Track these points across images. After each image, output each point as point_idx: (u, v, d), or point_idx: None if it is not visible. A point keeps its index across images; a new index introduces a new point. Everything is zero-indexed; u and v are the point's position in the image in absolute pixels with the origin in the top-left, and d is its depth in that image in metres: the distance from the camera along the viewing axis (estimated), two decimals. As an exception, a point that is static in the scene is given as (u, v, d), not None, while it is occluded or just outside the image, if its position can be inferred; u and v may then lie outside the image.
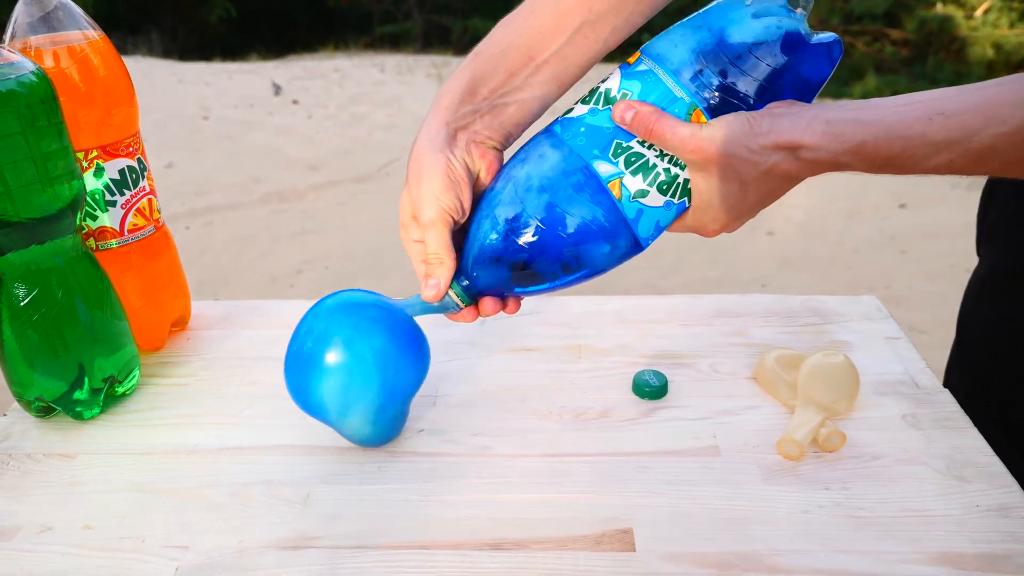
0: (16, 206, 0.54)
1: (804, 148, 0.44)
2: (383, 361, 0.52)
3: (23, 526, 0.52)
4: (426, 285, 0.52)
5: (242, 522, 0.51)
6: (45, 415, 0.62)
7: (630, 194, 0.47)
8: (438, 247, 0.51)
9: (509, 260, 0.49)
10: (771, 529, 0.49)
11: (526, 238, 0.48)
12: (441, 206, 0.50)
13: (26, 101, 0.54)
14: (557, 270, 0.49)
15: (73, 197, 0.58)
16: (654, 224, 0.49)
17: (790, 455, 0.54)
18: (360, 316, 0.53)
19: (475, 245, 0.50)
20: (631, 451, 0.56)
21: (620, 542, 0.48)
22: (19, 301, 0.57)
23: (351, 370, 0.52)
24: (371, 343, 0.52)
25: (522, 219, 0.48)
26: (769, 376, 0.61)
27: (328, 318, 0.53)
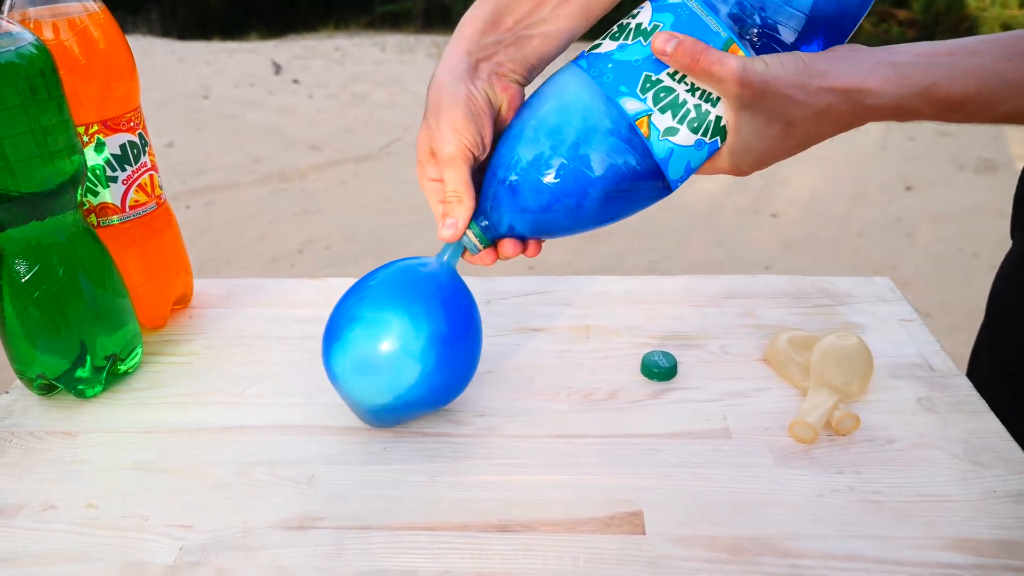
0: (16, 180, 0.53)
1: (866, 93, 0.42)
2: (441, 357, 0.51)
3: (26, 504, 0.51)
4: (443, 224, 0.50)
5: (246, 502, 0.51)
6: (47, 393, 0.61)
7: (659, 132, 0.45)
8: (457, 184, 0.49)
9: (530, 200, 0.48)
10: (784, 513, 0.48)
11: (548, 178, 0.47)
12: (461, 141, 0.48)
13: (26, 73, 0.52)
14: (580, 212, 0.48)
15: (74, 172, 0.57)
16: (684, 165, 0.47)
17: (803, 438, 0.54)
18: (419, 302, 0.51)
19: (495, 184, 0.49)
20: (640, 433, 0.56)
21: (630, 524, 0.48)
22: (20, 277, 0.56)
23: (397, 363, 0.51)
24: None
25: (544, 158, 0.46)
26: (781, 358, 0.61)
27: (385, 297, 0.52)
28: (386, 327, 0.50)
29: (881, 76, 0.41)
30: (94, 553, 0.47)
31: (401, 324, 0.50)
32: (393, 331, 0.50)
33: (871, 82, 0.42)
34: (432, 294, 0.51)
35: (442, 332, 0.51)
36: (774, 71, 0.42)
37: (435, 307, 0.51)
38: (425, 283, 0.51)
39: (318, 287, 0.76)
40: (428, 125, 0.49)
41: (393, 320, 0.50)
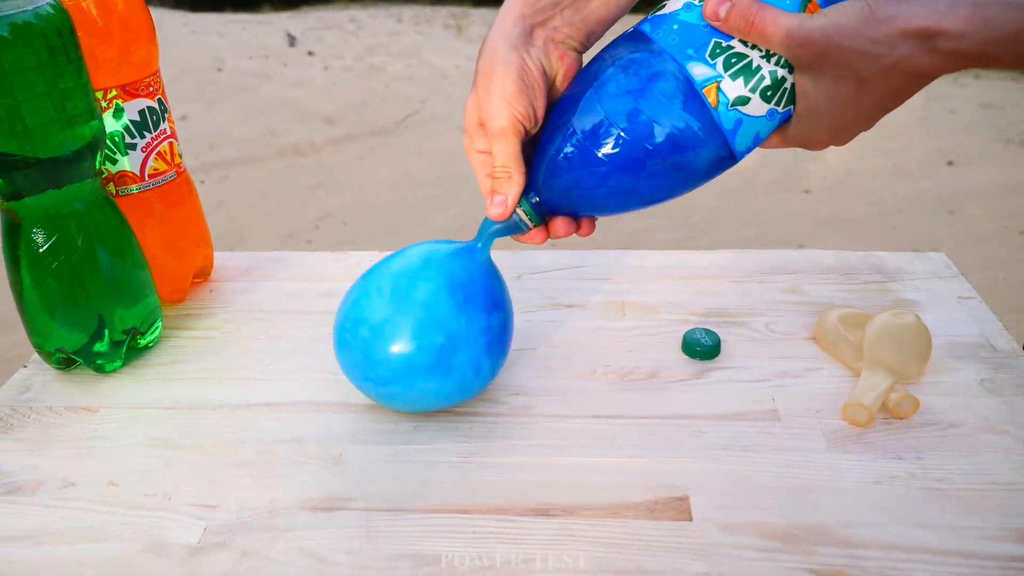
0: (34, 145, 0.52)
1: (943, 35, 0.38)
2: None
3: (46, 480, 0.51)
4: (492, 202, 0.49)
5: (272, 481, 0.50)
6: (66, 367, 0.61)
7: (728, 101, 0.43)
8: (507, 159, 0.47)
9: (586, 176, 0.46)
10: (839, 499, 0.47)
11: (606, 151, 0.45)
12: (513, 113, 0.46)
13: (43, 33, 0.51)
14: (640, 187, 0.45)
15: (92, 137, 0.56)
16: (753, 136, 0.44)
17: (857, 421, 0.52)
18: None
19: (548, 158, 0.47)
20: (684, 414, 0.54)
21: (675, 510, 0.47)
22: (38, 247, 0.55)
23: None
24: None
25: (603, 129, 0.44)
26: (831, 336, 0.59)
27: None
28: (432, 341, 0.49)
29: (962, 16, 0.38)
30: (116, 532, 0.47)
31: (446, 339, 0.49)
32: (439, 348, 0.49)
33: (949, 22, 0.38)
34: (477, 303, 0.50)
35: (485, 341, 0.50)
36: (835, 22, 0.40)
37: (478, 316, 0.50)
38: (467, 285, 0.50)
39: (341, 261, 0.75)
40: (478, 94, 0.48)
41: (440, 336, 0.49)
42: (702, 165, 0.45)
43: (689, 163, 0.45)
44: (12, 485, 0.51)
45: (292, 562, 0.44)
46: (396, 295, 0.49)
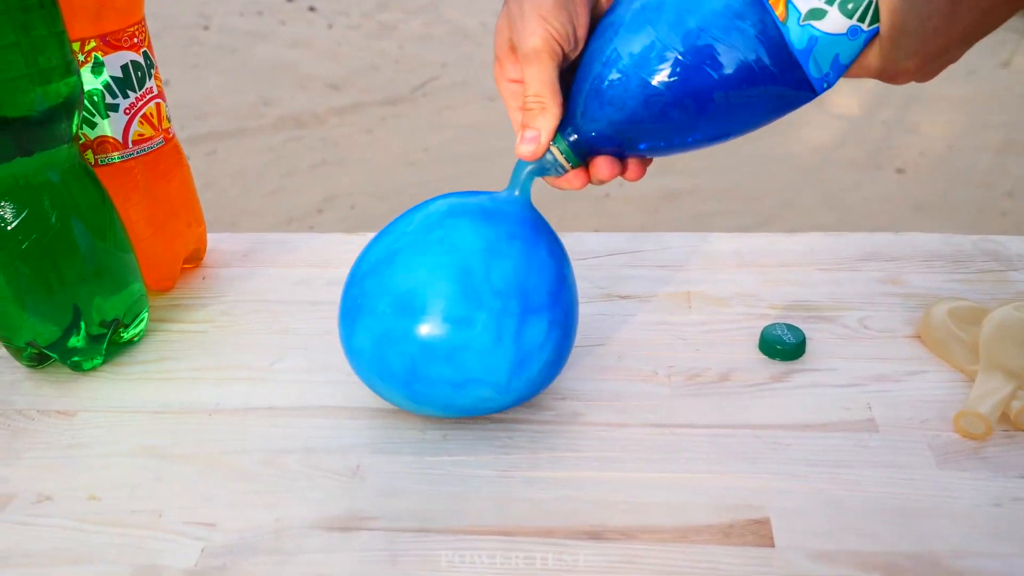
0: (1, 103, 0.53)
1: None
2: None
3: (18, 494, 0.52)
4: (522, 138, 0.48)
5: (278, 497, 0.50)
6: (38, 365, 0.62)
7: (799, 15, 0.42)
8: (540, 87, 0.47)
9: (633, 106, 0.45)
10: (951, 525, 0.46)
11: (658, 76, 0.44)
12: (548, 31, 0.46)
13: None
14: (695, 119, 0.45)
15: (68, 95, 0.56)
16: (831, 59, 0.43)
17: (972, 433, 0.52)
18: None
19: (589, 85, 0.46)
20: (762, 423, 0.54)
21: (755, 535, 0.46)
22: (6, 224, 0.56)
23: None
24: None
25: (652, 51, 0.44)
26: (939, 334, 0.59)
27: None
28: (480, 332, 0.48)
29: None
30: (99, 554, 0.47)
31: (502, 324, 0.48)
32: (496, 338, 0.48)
33: None
34: (529, 270, 0.49)
35: (556, 317, 0.50)
36: None
37: (539, 287, 0.49)
38: (517, 254, 0.49)
39: (355, 243, 0.76)
40: (509, 11, 0.48)
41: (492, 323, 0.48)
42: (770, 94, 0.44)
43: (754, 91, 0.44)
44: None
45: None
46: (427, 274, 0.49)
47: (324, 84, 3.61)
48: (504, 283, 0.48)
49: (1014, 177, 2.71)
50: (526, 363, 0.49)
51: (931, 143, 2.97)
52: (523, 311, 0.48)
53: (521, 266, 0.49)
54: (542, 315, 0.49)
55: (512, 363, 0.49)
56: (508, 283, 0.48)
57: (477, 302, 0.48)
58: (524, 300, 0.49)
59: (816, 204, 2.59)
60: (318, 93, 3.51)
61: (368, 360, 0.51)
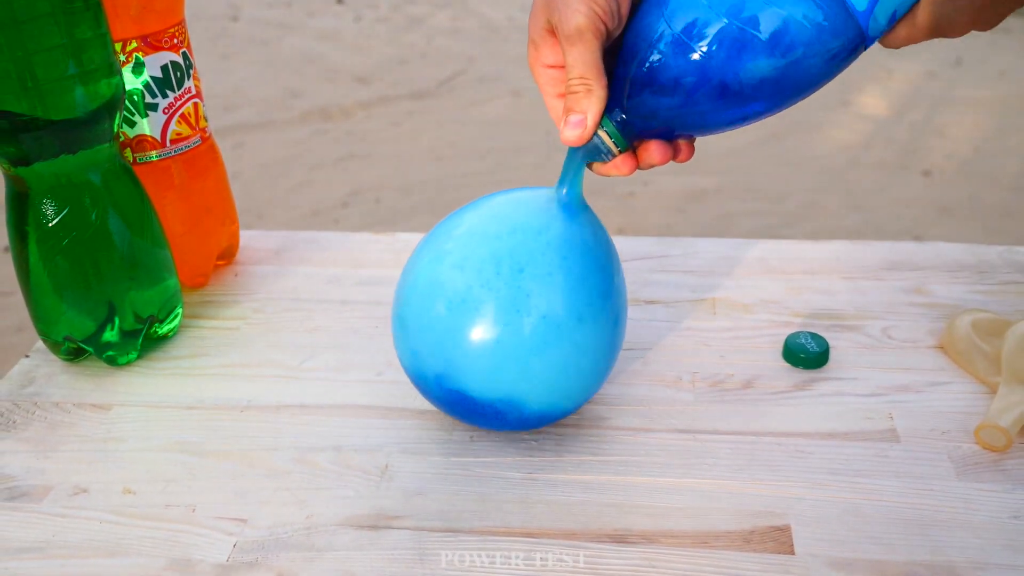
0: (46, 105, 0.54)
1: None
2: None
3: (54, 487, 0.53)
4: (567, 123, 0.46)
5: (309, 494, 0.52)
6: (74, 359, 0.63)
7: None
8: (585, 68, 0.44)
9: (686, 83, 0.43)
10: (970, 536, 0.47)
11: (712, 49, 0.42)
12: (592, 9, 0.43)
13: (59, -25, 0.53)
14: (751, 89, 0.43)
15: (111, 96, 0.58)
16: (891, 10, 0.41)
17: (993, 445, 0.52)
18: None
19: (636, 64, 0.44)
20: (784, 431, 0.55)
21: (775, 542, 0.47)
22: (48, 221, 0.58)
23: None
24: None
25: (706, 22, 0.42)
26: (963, 345, 0.59)
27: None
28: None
29: None
30: (134, 546, 0.49)
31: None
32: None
33: None
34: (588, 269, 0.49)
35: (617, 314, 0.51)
36: None
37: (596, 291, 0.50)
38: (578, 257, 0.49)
39: (385, 243, 0.77)
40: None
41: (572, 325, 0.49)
42: (826, 57, 0.42)
43: (811, 56, 0.42)
44: (17, 490, 0.53)
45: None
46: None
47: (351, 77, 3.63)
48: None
49: (1043, 181, 2.68)
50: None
51: (958, 145, 2.95)
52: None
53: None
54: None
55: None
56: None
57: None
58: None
59: (841, 205, 2.57)
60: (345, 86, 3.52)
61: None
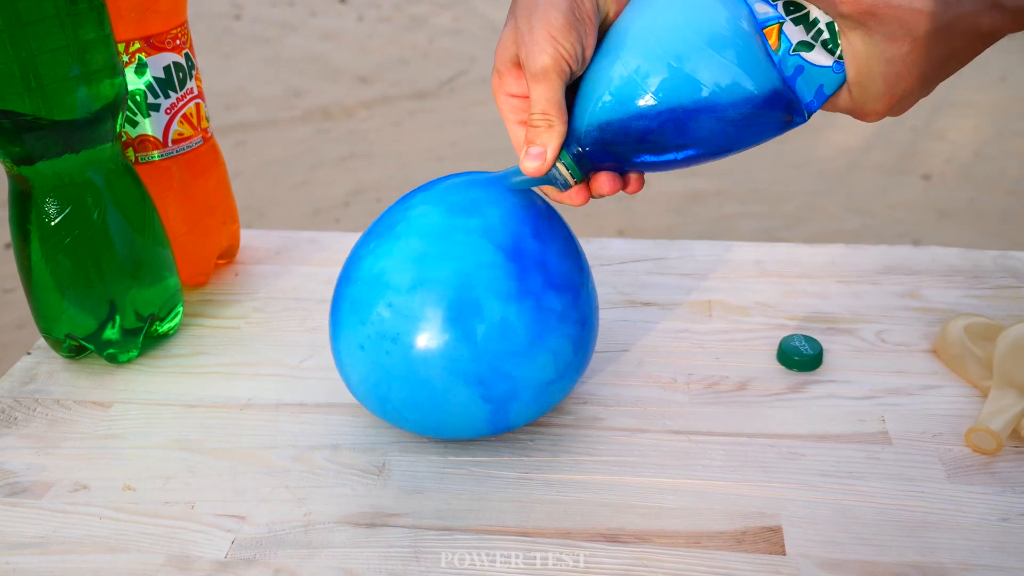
0: (50, 105, 0.55)
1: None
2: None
3: (55, 483, 0.54)
4: (527, 154, 0.48)
5: (307, 492, 0.52)
6: (76, 356, 0.64)
7: (790, 45, 0.44)
8: (547, 104, 0.47)
9: (634, 127, 0.46)
10: (959, 538, 0.47)
11: (657, 100, 0.45)
12: (559, 50, 0.46)
13: (62, -24, 0.54)
14: (696, 134, 0.46)
15: (114, 97, 0.58)
16: (816, 88, 0.45)
17: (983, 448, 0.53)
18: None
19: (593, 101, 0.47)
20: (777, 432, 0.55)
21: (767, 542, 0.48)
22: (50, 220, 0.58)
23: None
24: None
25: (652, 75, 0.45)
26: (955, 349, 0.59)
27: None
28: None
29: None
30: (134, 543, 0.49)
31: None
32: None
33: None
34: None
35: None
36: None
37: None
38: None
39: (384, 244, 0.77)
40: (517, 27, 0.47)
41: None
42: (762, 114, 0.46)
43: (748, 113, 0.45)
44: (17, 486, 0.54)
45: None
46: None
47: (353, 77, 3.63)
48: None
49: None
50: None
51: (958, 149, 2.95)
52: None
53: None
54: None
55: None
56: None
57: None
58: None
59: (841, 209, 2.58)
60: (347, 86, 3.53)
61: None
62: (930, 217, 2.54)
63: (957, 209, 2.58)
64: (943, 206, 2.59)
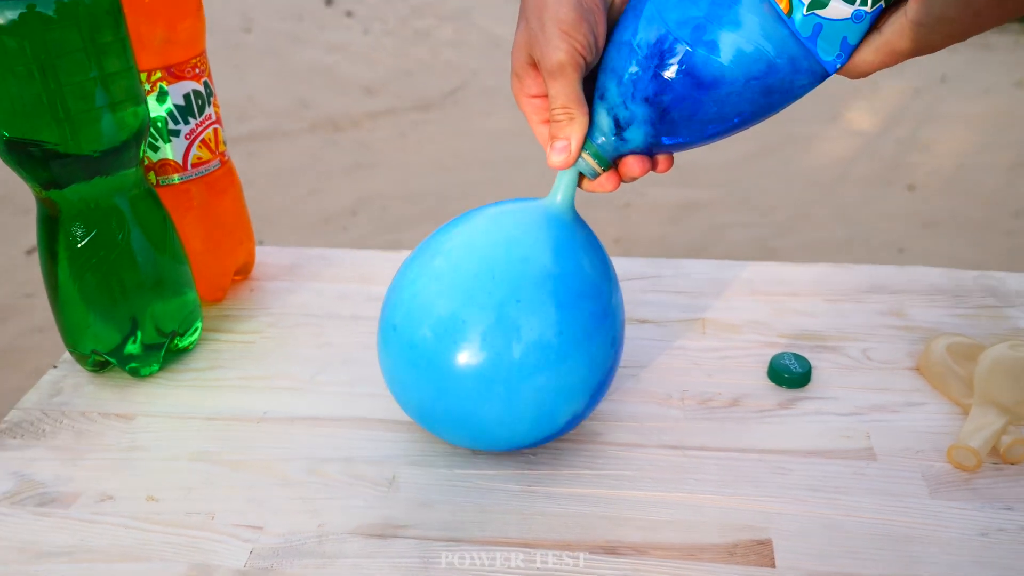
0: (78, 138, 0.56)
1: None
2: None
3: (82, 493, 0.54)
4: (553, 148, 0.49)
5: (321, 503, 0.53)
6: (100, 370, 0.64)
7: (803, 6, 0.43)
8: (567, 98, 0.47)
9: (656, 106, 0.46)
10: (940, 552, 0.48)
11: (675, 73, 0.45)
12: (572, 45, 0.46)
13: (89, 11, 0.55)
14: (719, 110, 0.46)
15: (139, 126, 0.59)
16: (839, 41, 0.44)
17: (964, 465, 0.53)
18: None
19: (612, 88, 0.47)
20: (768, 448, 0.56)
21: (757, 555, 0.48)
22: (77, 243, 0.59)
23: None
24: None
25: (669, 48, 0.45)
26: (938, 368, 0.60)
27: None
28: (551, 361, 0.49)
29: None
30: (157, 552, 0.50)
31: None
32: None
33: None
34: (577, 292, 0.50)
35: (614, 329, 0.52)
36: None
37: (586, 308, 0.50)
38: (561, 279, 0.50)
39: (393, 260, 0.78)
40: (528, 28, 0.48)
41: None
42: (784, 81, 0.45)
43: (771, 80, 0.45)
44: (47, 496, 0.54)
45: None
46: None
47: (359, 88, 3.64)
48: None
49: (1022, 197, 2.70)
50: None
51: (942, 161, 2.96)
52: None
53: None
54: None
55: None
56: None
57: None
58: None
59: (829, 218, 2.58)
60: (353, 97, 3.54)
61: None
62: (914, 227, 2.54)
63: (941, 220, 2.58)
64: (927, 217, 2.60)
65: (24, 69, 0.53)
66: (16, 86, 0.53)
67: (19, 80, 0.53)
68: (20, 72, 0.53)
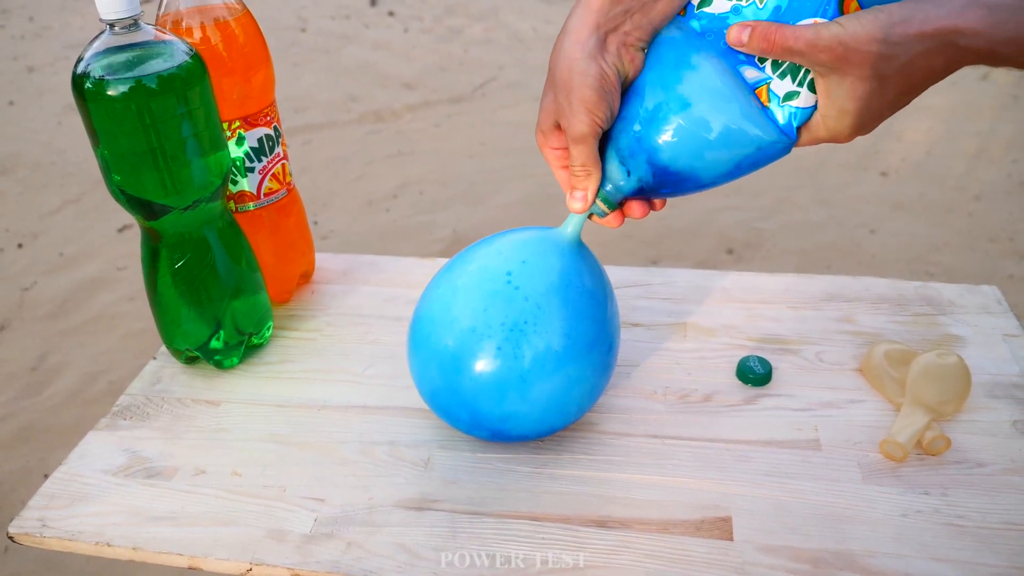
0: (180, 194, 0.60)
1: (959, 34, 0.41)
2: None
3: (180, 467, 0.60)
4: (572, 196, 0.54)
5: (370, 480, 0.58)
6: (191, 363, 0.70)
7: (779, 98, 0.48)
8: (586, 159, 0.52)
9: (655, 164, 0.51)
10: (868, 530, 0.52)
11: (669, 147, 0.50)
12: (594, 120, 0.50)
13: (184, 82, 0.59)
14: (706, 172, 0.51)
15: (224, 173, 0.63)
16: (799, 121, 0.49)
17: (892, 456, 0.57)
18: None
19: (620, 154, 0.52)
20: (733, 439, 0.60)
21: (719, 530, 0.53)
22: (174, 264, 0.64)
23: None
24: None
25: (665, 131, 0.50)
26: (876, 371, 0.64)
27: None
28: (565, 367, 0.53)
29: (976, 16, 0.41)
30: (242, 518, 0.55)
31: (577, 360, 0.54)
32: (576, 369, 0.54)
33: (964, 22, 0.41)
34: (589, 315, 0.54)
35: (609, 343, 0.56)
36: (850, 30, 0.44)
37: (589, 327, 0.54)
38: (579, 297, 0.54)
39: (431, 267, 0.82)
40: (557, 101, 0.51)
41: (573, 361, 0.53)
42: (760, 152, 0.50)
43: (747, 152, 0.50)
44: (153, 470, 0.60)
45: (391, 555, 0.52)
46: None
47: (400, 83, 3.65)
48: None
49: (982, 182, 2.68)
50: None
51: (912, 149, 2.94)
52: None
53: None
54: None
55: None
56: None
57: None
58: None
59: (810, 201, 2.59)
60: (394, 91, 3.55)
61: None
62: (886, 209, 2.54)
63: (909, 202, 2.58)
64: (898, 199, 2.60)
65: (133, 129, 0.57)
66: (127, 144, 0.58)
67: (129, 138, 0.57)
68: (129, 131, 0.57)
